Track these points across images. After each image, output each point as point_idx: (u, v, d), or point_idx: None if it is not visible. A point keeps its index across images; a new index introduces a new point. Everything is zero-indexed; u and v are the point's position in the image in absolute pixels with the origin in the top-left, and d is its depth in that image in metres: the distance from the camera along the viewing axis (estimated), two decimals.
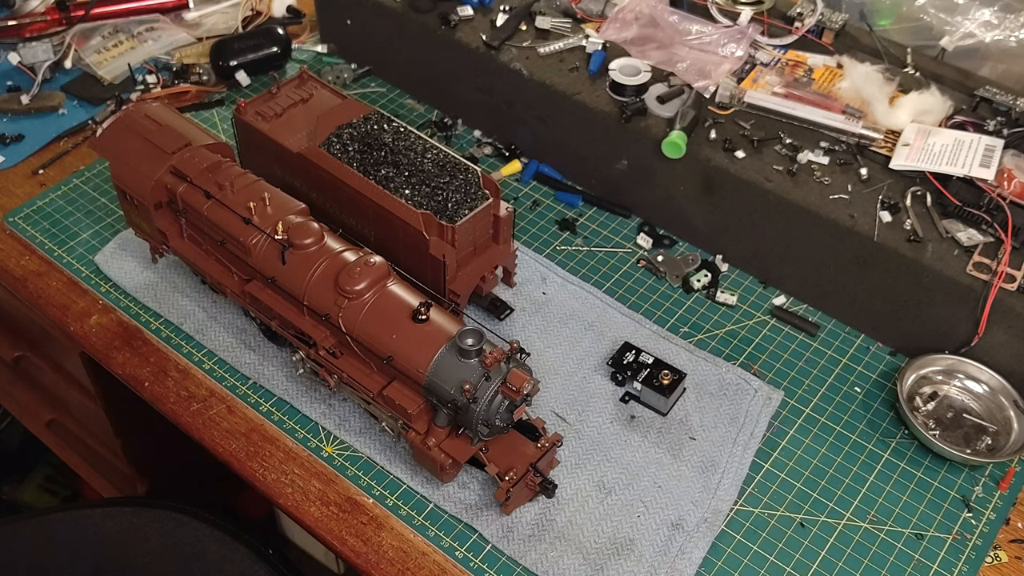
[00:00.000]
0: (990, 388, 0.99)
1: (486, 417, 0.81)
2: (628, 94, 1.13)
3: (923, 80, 1.15)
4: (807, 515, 0.91)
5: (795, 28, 1.20)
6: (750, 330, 1.07)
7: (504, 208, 0.97)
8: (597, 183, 1.21)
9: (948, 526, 0.91)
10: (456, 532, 0.88)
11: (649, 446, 0.94)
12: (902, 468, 0.95)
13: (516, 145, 1.26)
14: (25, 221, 1.15)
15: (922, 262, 0.97)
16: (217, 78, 1.34)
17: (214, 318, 1.04)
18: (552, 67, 1.18)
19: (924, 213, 1.02)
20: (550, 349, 1.03)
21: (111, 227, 1.15)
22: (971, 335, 0.98)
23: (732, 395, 0.99)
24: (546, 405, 0.97)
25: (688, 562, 0.85)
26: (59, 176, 1.22)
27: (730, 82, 1.14)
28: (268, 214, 0.90)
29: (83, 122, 1.28)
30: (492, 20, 1.24)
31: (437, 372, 0.81)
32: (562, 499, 0.90)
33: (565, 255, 1.14)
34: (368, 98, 1.34)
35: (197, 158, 0.95)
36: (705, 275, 1.11)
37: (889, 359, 1.05)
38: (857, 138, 1.09)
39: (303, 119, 1.03)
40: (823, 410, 1.00)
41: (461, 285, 0.96)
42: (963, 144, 1.04)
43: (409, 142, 0.99)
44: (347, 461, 0.93)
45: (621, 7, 1.23)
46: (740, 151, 1.07)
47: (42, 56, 1.34)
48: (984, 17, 1.19)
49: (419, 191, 0.95)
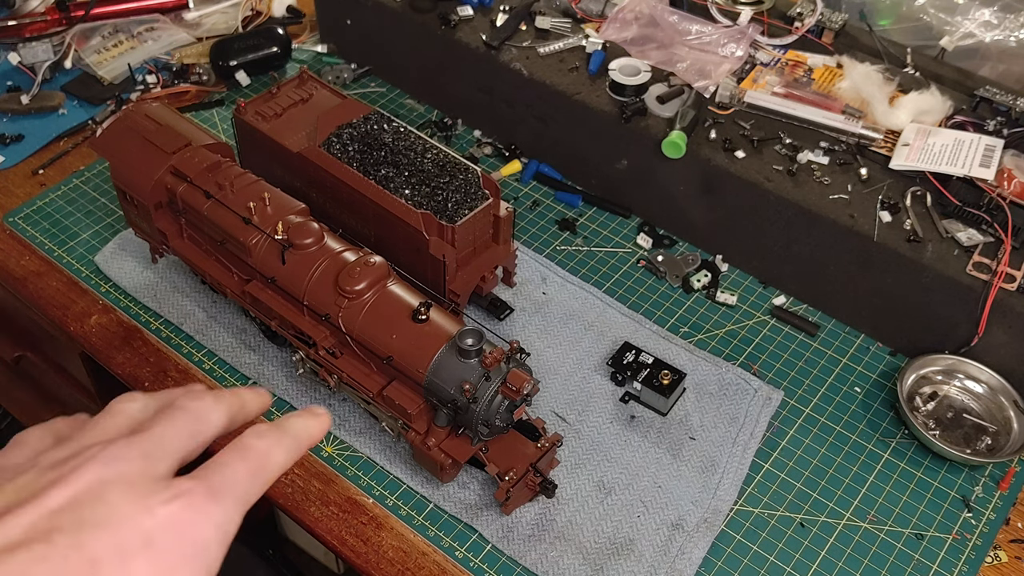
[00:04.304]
0: (990, 388, 0.99)
1: (486, 417, 0.81)
2: (628, 94, 1.13)
3: (923, 80, 1.15)
4: (807, 515, 0.91)
5: (795, 28, 1.20)
6: (750, 330, 1.07)
7: (504, 208, 0.97)
8: (597, 183, 1.21)
9: (948, 526, 0.91)
10: (456, 532, 0.88)
11: (649, 446, 0.94)
12: (902, 468, 0.95)
13: (516, 145, 1.26)
14: (25, 221, 1.15)
15: (922, 262, 0.97)
16: (217, 78, 1.34)
17: (214, 318, 1.04)
18: (552, 67, 1.18)
19: (924, 213, 1.02)
20: (550, 349, 1.03)
21: (111, 227, 1.15)
22: (971, 335, 0.98)
23: (732, 395, 0.99)
24: (546, 405, 0.97)
25: (688, 562, 0.85)
26: (59, 176, 1.22)
27: (730, 82, 1.14)
28: (268, 214, 0.90)
29: (83, 122, 1.28)
30: (492, 20, 1.24)
31: (437, 372, 0.81)
32: (562, 499, 0.90)
33: (565, 255, 1.14)
34: (368, 98, 1.34)
35: (197, 158, 0.95)
36: (705, 275, 1.11)
37: (889, 359, 1.05)
38: (857, 138, 1.09)
39: (303, 119, 1.03)
40: (823, 410, 1.00)
41: (461, 285, 0.96)
42: (963, 144, 1.04)
43: (409, 142, 0.99)
44: (347, 461, 0.93)
45: (621, 7, 1.23)
46: (740, 151, 1.07)
47: (42, 56, 1.34)
48: (984, 17, 1.19)
49: (419, 191, 0.95)
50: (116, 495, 0.35)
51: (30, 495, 0.35)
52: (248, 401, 0.45)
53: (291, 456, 0.42)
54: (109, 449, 0.37)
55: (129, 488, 0.36)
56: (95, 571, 0.33)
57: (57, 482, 0.35)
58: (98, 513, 0.34)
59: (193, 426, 0.41)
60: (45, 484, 0.35)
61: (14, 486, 0.36)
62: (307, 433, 0.43)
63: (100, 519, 0.34)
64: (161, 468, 0.38)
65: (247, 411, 0.45)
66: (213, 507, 0.37)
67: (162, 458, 0.38)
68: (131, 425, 0.41)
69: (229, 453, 0.40)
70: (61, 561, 0.32)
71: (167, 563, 0.35)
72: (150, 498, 0.36)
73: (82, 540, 0.33)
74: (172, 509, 0.36)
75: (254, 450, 0.40)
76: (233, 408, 0.43)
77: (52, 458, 0.38)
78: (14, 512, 0.34)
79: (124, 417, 0.41)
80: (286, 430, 0.42)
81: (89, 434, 0.40)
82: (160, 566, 0.34)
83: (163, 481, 0.37)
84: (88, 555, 0.33)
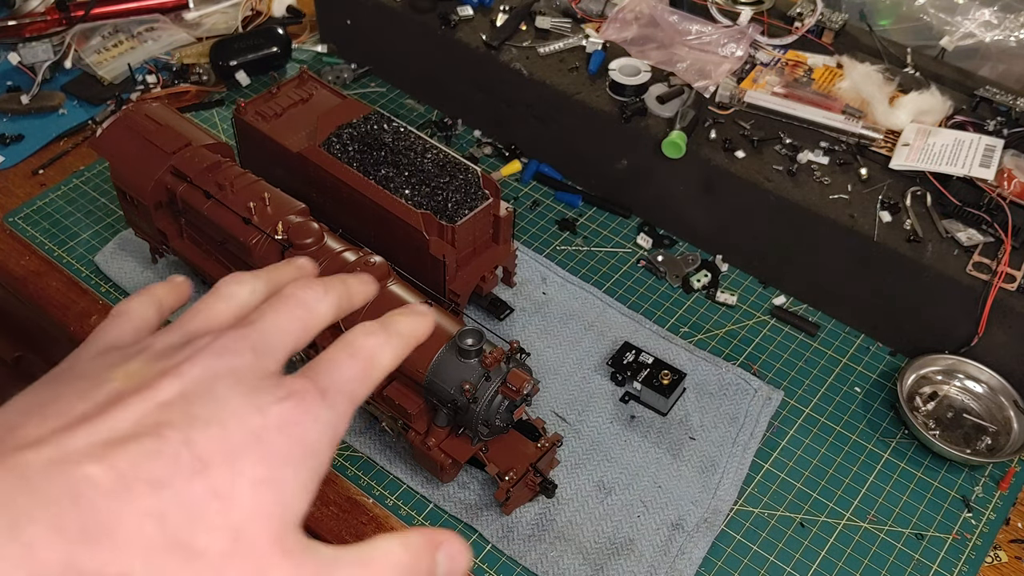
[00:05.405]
0: (990, 388, 0.99)
1: (486, 417, 0.81)
2: (628, 94, 1.13)
3: (923, 80, 1.15)
4: (807, 515, 0.91)
5: (795, 28, 1.20)
6: (750, 330, 1.07)
7: (504, 208, 0.97)
8: (597, 183, 1.21)
9: (948, 526, 0.91)
10: (456, 532, 0.88)
11: (649, 446, 0.94)
12: (902, 468, 0.95)
13: (516, 145, 1.26)
14: (25, 221, 1.15)
15: (922, 262, 0.97)
16: (217, 78, 1.34)
17: None
18: (552, 67, 1.18)
19: (924, 213, 1.02)
20: (550, 349, 1.03)
21: (111, 227, 1.15)
22: (971, 335, 0.98)
23: (732, 395, 0.99)
24: (546, 405, 0.97)
25: (688, 562, 0.85)
26: (59, 176, 1.21)
27: (730, 82, 1.13)
28: (268, 214, 0.90)
29: (83, 122, 1.28)
30: (492, 20, 1.24)
31: (437, 372, 0.81)
32: (562, 499, 0.90)
33: (565, 255, 1.14)
34: (368, 98, 1.34)
35: (197, 158, 0.95)
36: (705, 275, 1.11)
37: (889, 359, 1.05)
38: (857, 138, 1.09)
39: (303, 119, 1.03)
40: (823, 410, 1.00)
41: (461, 285, 0.96)
42: (963, 144, 1.04)
43: (409, 142, 0.99)
44: (347, 461, 0.93)
45: (621, 7, 1.23)
46: (740, 151, 1.07)
47: (42, 56, 1.34)
48: (984, 17, 1.19)
49: (419, 191, 0.95)
50: (227, 391, 0.34)
51: (140, 383, 0.33)
52: (355, 291, 0.43)
53: (398, 357, 0.40)
54: (220, 340, 0.36)
55: (239, 384, 0.34)
56: (205, 470, 0.31)
57: (167, 373, 0.34)
58: (209, 409, 0.33)
59: (303, 319, 0.39)
60: (155, 374, 0.34)
61: (124, 371, 0.34)
62: (414, 333, 0.42)
63: (211, 416, 0.33)
64: (271, 364, 0.36)
65: (353, 302, 0.43)
66: (323, 409, 0.35)
67: (271, 353, 0.36)
68: (239, 312, 0.39)
69: (338, 351, 0.38)
70: (172, 458, 0.31)
71: (277, 464, 0.33)
72: (261, 396, 0.34)
73: (193, 437, 0.31)
74: (283, 409, 0.34)
75: (364, 350, 0.38)
76: (342, 299, 0.42)
77: (161, 343, 0.36)
78: (125, 401, 0.32)
79: (233, 302, 0.40)
80: (394, 329, 0.41)
81: (197, 319, 0.39)
82: (270, 467, 0.33)
83: (273, 378, 0.35)
84: (199, 453, 0.31)
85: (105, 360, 0.36)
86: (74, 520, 0.28)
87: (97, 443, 0.30)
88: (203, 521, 0.30)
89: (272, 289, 0.41)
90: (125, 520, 0.29)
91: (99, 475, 0.29)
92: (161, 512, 0.30)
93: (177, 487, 0.30)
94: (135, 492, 0.30)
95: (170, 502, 0.30)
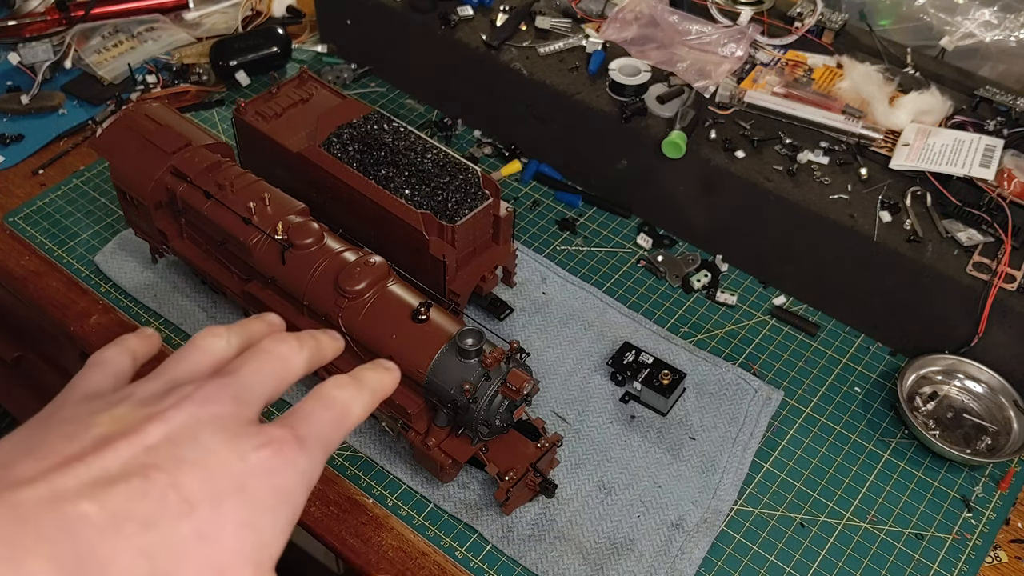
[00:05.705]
0: (990, 388, 0.99)
1: (486, 417, 0.81)
2: (628, 94, 1.13)
3: (923, 80, 1.15)
4: (807, 515, 0.91)
5: (795, 28, 1.20)
6: (750, 330, 1.07)
7: (504, 208, 0.97)
8: (597, 183, 1.21)
9: (948, 526, 0.91)
10: (456, 532, 0.88)
11: (649, 446, 0.94)
12: (902, 468, 0.95)
13: (516, 145, 1.26)
14: (25, 221, 1.15)
15: (922, 262, 0.97)
16: (217, 78, 1.34)
17: (214, 318, 1.04)
18: (552, 67, 1.18)
19: (924, 213, 1.02)
20: (550, 349, 1.03)
21: (111, 227, 1.15)
22: (971, 335, 0.98)
23: (732, 395, 0.99)
24: (546, 405, 0.97)
25: (688, 562, 0.85)
26: (59, 176, 1.21)
27: (730, 82, 1.13)
28: (268, 214, 0.90)
29: (83, 122, 1.28)
30: (492, 20, 1.24)
31: (437, 372, 0.81)
32: (562, 499, 0.90)
33: (565, 255, 1.14)
34: (368, 98, 1.34)
35: (197, 158, 0.95)
36: (705, 275, 1.11)
37: (889, 359, 1.05)
38: (857, 138, 1.09)
39: (303, 119, 1.03)
40: (823, 410, 1.00)
41: (461, 285, 0.96)
42: (963, 144, 1.04)
43: (409, 142, 0.99)
44: (347, 461, 0.93)
45: (621, 7, 1.23)
46: (740, 151, 1.07)
47: (42, 56, 1.34)
48: (984, 17, 1.19)
49: (419, 191, 0.95)
50: (210, 437, 0.35)
51: (126, 427, 0.35)
52: (325, 346, 0.45)
53: (368, 408, 0.42)
54: (203, 389, 0.37)
55: (222, 431, 0.36)
56: (192, 512, 0.33)
57: (153, 418, 0.35)
58: (193, 453, 0.34)
59: (279, 372, 0.41)
60: (141, 419, 0.35)
61: (110, 416, 0.36)
62: (382, 386, 0.44)
63: (196, 459, 0.34)
64: (250, 412, 0.38)
65: (323, 355, 0.45)
66: (300, 456, 0.37)
67: (251, 402, 0.38)
68: (216, 363, 0.41)
69: (313, 403, 0.40)
70: (159, 499, 0.32)
71: (258, 510, 0.35)
72: (242, 442, 0.36)
73: (179, 479, 0.33)
74: (263, 455, 0.36)
75: (338, 401, 0.41)
76: (314, 353, 0.44)
77: (144, 391, 0.38)
78: (113, 444, 0.34)
79: (210, 355, 0.41)
80: (365, 383, 0.43)
81: (177, 369, 0.40)
82: (251, 512, 0.35)
83: (253, 426, 0.37)
84: (185, 495, 0.33)
85: (90, 406, 0.38)
86: (71, 554, 0.30)
87: (88, 482, 0.32)
88: (189, 561, 0.32)
89: (246, 342, 0.43)
90: (119, 557, 0.31)
91: (92, 513, 0.31)
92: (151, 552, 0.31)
93: (165, 528, 0.32)
94: (126, 531, 0.31)
95: (159, 542, 0.32)
